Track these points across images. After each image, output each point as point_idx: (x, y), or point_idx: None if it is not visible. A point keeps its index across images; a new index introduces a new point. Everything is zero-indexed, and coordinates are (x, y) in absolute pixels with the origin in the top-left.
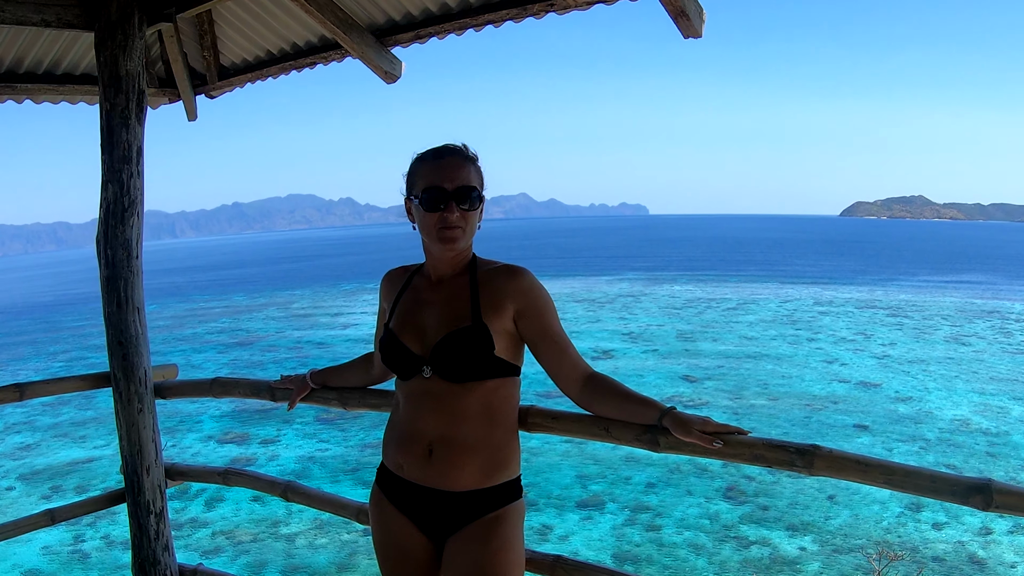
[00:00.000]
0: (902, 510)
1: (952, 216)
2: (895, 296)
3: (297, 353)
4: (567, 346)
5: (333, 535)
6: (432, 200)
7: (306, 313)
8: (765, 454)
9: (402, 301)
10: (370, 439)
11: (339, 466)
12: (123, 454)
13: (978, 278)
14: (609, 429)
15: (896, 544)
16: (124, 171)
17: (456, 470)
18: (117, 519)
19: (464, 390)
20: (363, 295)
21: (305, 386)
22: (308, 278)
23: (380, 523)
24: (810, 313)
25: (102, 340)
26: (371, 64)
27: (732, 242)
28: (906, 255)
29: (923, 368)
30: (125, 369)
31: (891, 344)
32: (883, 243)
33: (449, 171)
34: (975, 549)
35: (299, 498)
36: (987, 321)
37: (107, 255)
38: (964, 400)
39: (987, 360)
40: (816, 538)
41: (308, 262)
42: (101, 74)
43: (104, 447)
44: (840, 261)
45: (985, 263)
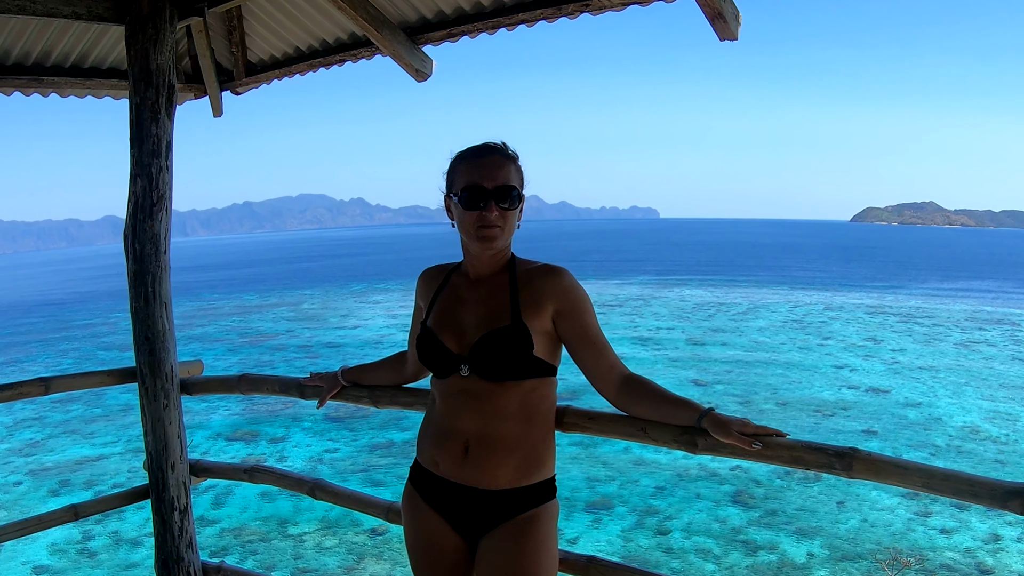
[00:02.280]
0: (911, 516)
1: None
2: (905, 302)
3: (307, 353)
4: (605, 347)
5: (341, 535)
6: (471, 199)
7: (316, 313)
8: (804, 456)
9: (440, 299)
10: (379, 439)
11: (348, 467)
12: (148, 450)
13: (988, 285)
14: (646, 430)
15: (905, 551)
16: (153, 165)
17: (492, 469)
18: (124, 516)
19: (502, 389)
20: (373, 296)
21: (336, 384)
22: (318, 278)
23: (413, 521)
24: (820, 318)
25: (112, 338)
26: (402, 62)
27: (743, 246)
28: (917, 261)
29: (932, 374)
30: (152, 364)
31: (901, 350)
32: (894, 249)
33: (489, 170)
34: (983, 557)
35: (327, 496)
36: (997, 328)
37: (135, 249)
38: (973, 407)
39: (997, 367)
40: (824, 543)
41: (318, 262)
42: (131, 68)
43: (113, 444)
44: (851, 266)
45: (996, 270)
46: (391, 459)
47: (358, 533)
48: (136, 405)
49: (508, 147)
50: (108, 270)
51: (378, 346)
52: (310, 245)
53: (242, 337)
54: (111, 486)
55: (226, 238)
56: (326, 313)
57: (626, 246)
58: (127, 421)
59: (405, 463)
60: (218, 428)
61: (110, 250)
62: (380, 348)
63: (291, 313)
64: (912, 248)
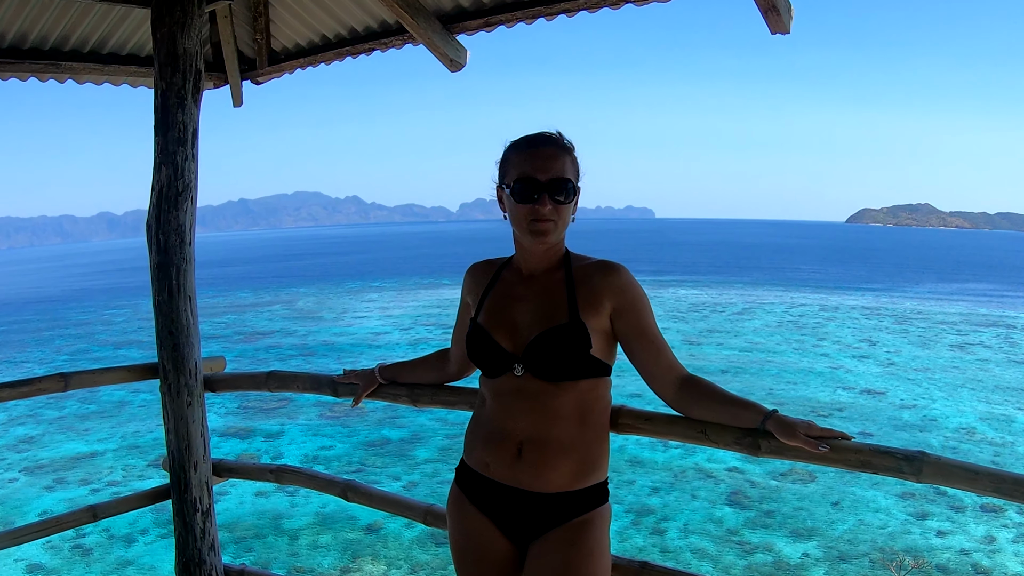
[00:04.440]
0: (906, 517)
1: (958, 224)
2: (901, 304)
3: (302, 351)
4: (663, 346)
5: (336, 532)
6: (524, 191)
7: (312, 311)
8: (872, 460)
9: (491, 296)
10: (374, 437)
11: (343, 465)
12: (169, 449)
13: (984, 287)
14: (706, 432)
15: (901, 552)
16: (179, 153)
17: (546, 471)
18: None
19: (558, 389)
20: (368, 294)
21: (372, 381)
22: (314, 276)
23: (459, 524)
24: (816, 319)
25: (108, 335)
26: (436, 51)
27: (738, 247)
28: (912, 263)
29: (928, 376)
30: (175, 360)
31: (896, 351)
32: (889, 251)
33: (543, 161)
34: (979, 558)
35: (360, 498)
36: (993, 330)
37: (159, 240)
38: (969, 409)
39: (992, 369)
40: (820, 544)
41: (313, 260)
42: (157, 52)
43: (107, 440)
44: (846, 268)
45: (991, 272)
46: (387, 457)
47: (353, 530)
48: (130, 402)
49: (563, 137)
50: (103, 266)
51: (374, 344)
52: (305, 243)
53: (238, 335)
54: (107, 484)
55: (221, 235)
56: (321, 311)
57: (622, 246)
58: (122, 418)
59: (400, 461)
60: (211, 424)
61: (105, 246)
62: (376, 346)
63: (286, 311)
64: (907, 250)
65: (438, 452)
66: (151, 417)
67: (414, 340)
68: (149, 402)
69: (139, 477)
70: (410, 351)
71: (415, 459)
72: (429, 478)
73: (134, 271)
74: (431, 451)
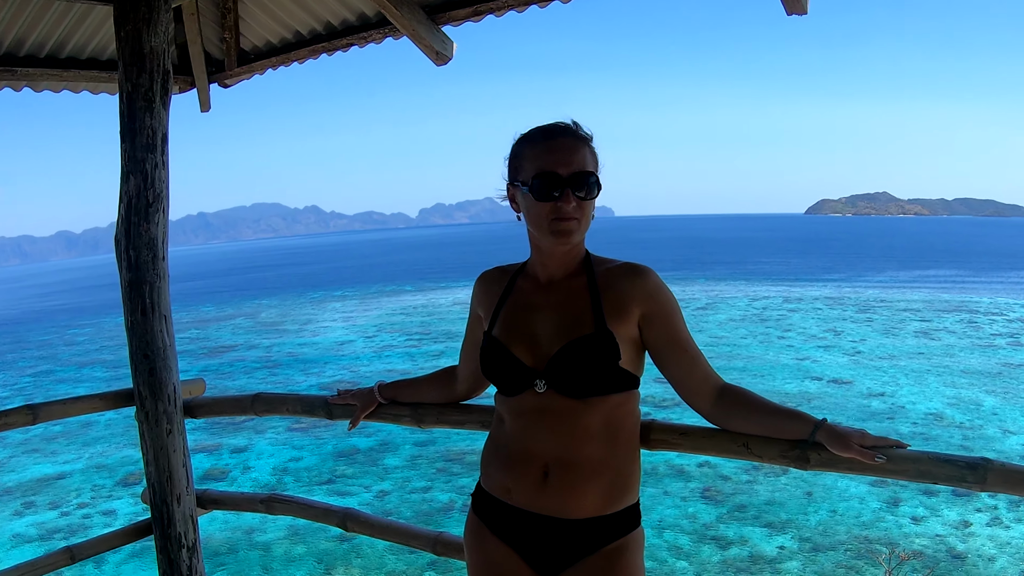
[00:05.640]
0: (880, 505)
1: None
2: (863, 292)
3: (267, 363)
4: (697, 355)
5: (310, 543)
6: (544, 188)
7: (275, 322)
8: (932, 470)
9: (506, 306)
10: (344, 446)
11: (314, 477)
12: (149, 481)
13: (945, 273)
14: (749, 446)
15: (875, 540)
16: (148, 161)
17: (575, 495)
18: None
19: (585, 406)
20: (331, 303)
21: (372, 401)
22: (275, 287)
23: (479, 555)
24: (780, 311)
25: (71, 356)
26: (421, 43)
27: (699, 242)
28: (873, 252)
29: (894, 363)
30: (152, 385)
31: (861, 340)
32: (849, 240)
33: (563, 154)
34: (954, 542)
35: (361, 528)
36: (956, 315)
37: (129, 256)
38: (936, 394)
39: (957, 354)
40: (795, 536)
41: (275, 271)
42: (122, 52)
43: (75, 461)
44: (808, 259)
45: (951, 258)
46: (357, 467)
47: (326, 540)
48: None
49: (580, 126)
50: (63, 286)
51: (339, 354)
52: (266, 254)
53: (202, 350)
54: (76, 506)
55: (181, 250)
56: (285, 322)
57: None
58: (88, 438)
59: (372, 471)
60: None
61: (64, 265)
62: (341, 356)
63: (249, 323)
64: (867, 239)
65: (408, 460)
66: (117, 436)
67: (379, 348)
68: (115, 421)
69: (108, 498)
70: (375, 359)
71: (386, 467)
72: (400, 487)
73: (95, 289)
74: (401, 459)
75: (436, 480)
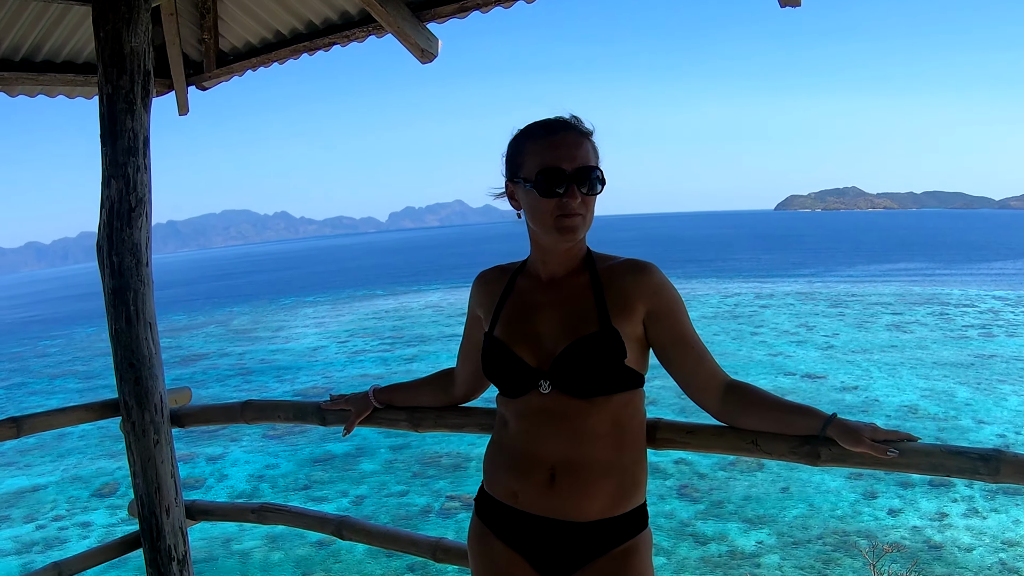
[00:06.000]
0: (857, 498)
1: (886, 206)
2: (835, 287)
3: (241, 371)
4: (704, 352)
5: (288, 550)
6: (549, 183)
7: (247, 329)
8: (945, 463)
9: (507, 306)
10: (319, 452)
11: (290, 483)
12: (137, 493)
13: (915, 266)
14: (758, 442)
15: (853, 533)
16: (130, 164)
17: (584, 498)
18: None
19: (592, 406)
20: (303, 309)
21: (366, 406)
22: (247, 294)
23: (485, 561)
24: (752, 307)
25: (43, 367)
26: (407, 41)
27: (669, 240)
28: (843, 246)
29: (867, 357)
30: (138, 395)
31: (834, 335)
32: (819, 235)
33: (566, 149)
34: (931, 534)
35: (357, 536)
36: (927, 308)
37: (112, 263)
38: (909, 386)
39: (930, 346)
40: (773, 531)
41: (246, 278)
42: (101, 53)
43: (50, 474)
44: (778, 255)
45: (921, 251)
46: (333, 472)
47: (304, 546)
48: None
49: (582, 121)
50: (34, 297)
51: (312, 359)
52: (236, 262)
53: (174, 358)
54: (52, 519)
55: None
56: (257, 329)
57: None
58: (62, 450)
59: (348, 476)
60: None
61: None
62: (314, 362)
63: (221, 331)
64: (837, 233)
65: (384, 465)
66: (91, 448)
67: (352, 353)
68: (88, 432)
69: (84, 510)
70: (349, 364)
71: (362, 473)
72: (377, 492)
73: (65, 300)
74: (377, 464)
75: (413, 484)
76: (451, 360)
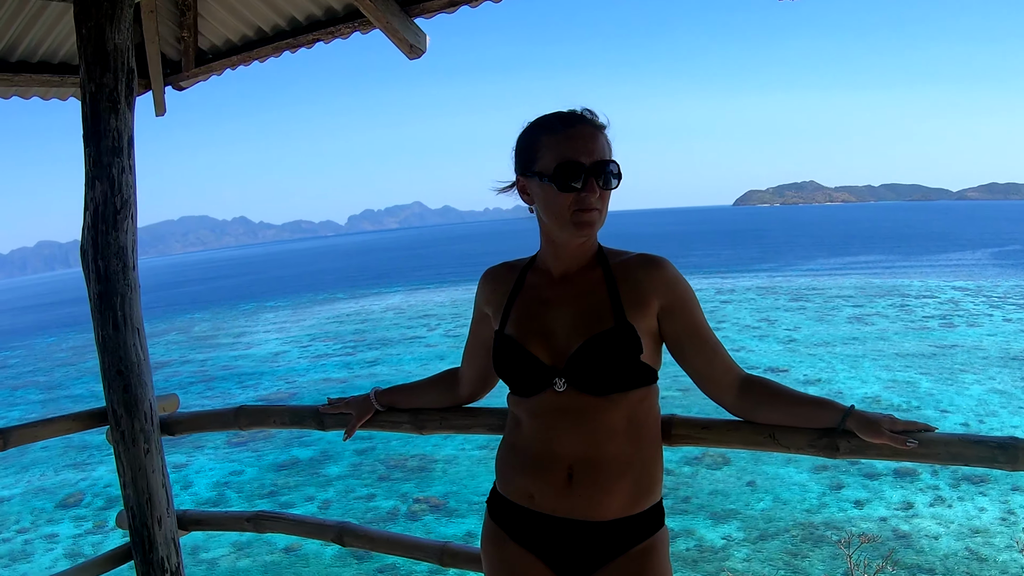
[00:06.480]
0: (823, 490)
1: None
2: (795, 281)
3: (203, 378)
4: (718, 346)
5: (255, 557)
6: (568, 178)
7: (208, 336)
8: (963, 451)
9: (518, 303)
10: (284, 458)
11: (255, 490)
12: (127, 504)
13: (874, 258)
14: (775, 436)
15: (820, 525)
16: (114, 165)
17: (603, 496)
18: None
19: (608, 403)
20: (264, 314)
21: (367, 409)
22: (207, 301)
23: (500, 564)
24: (712, 303)
25: (3, 378)
26: (395, 36)
27: (628, 237)
28: (802, 240)
29: (829, 350)
30: (127, 403)
31: (796, 328)
32: (779, 230)
33: (584, 142)
34: (898, 523)
35: (359, 542)
36: (887, 299)
37: (98, 267)
38: (872, 378)
39: (891, 337)
40: (741, 525)
41: (206, 284)
42: (84, 50)
43: (13, 487)
44: (738, 250)
45: (880, 243)
46: (299, 477)
47: (271, 552)
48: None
49: (597, 114)
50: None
51: (275, 364)
52: (196, 268)
53: None
54: (16, 532)
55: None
56: (218, 335)
57: (512, 247)
58: (25, 462)
59: (314, 481)
60: (101, 459)
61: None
62: (277, 366)
63: (182, 338)
64: (796, 227)
65: (350, 468)
66: (54, 459)
67: (315, 357)
68: (51, 443)
69: (48, 522)
70: (311, 368)
71: (327, 477)
72: (343, 496)
73: (24, 311)
74: (343, 468)
75: (379, 487)
76: (414, 363)
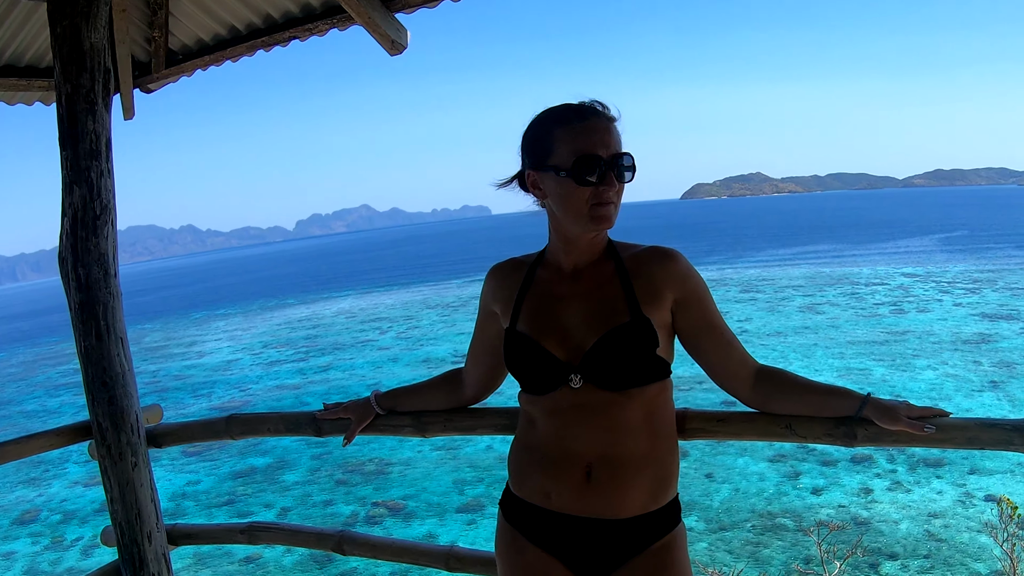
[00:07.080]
0: (781, 479)
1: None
2: (745, 272)
3: (156, 388)
4: (733, 339)
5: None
6: (586, 171)
7: (159, 346)
8: (980, 435)
9: (528, 299)
10: (240, 467)
11: (212, 499)
12: (115, 520)
13: (823, 248)
14: (792, 426)
15: (780, 513)
16: (93, 169)
17: (622, 494)
18: None
19: (625, 399)
20: (214, 322)
21: (368, 413)
22: (156, 311)
23: (517, 566)
24: None
25: None
26: (376, 32)
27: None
28: (751, 232)
29: (782, 339)
30: (113, 415)
31: (747, 319)
32: (727, 222)
33: (600, 135)
34: (857, 510)
35: (361, 550)
36: (837, 288)
37: (78, 275)
38: (825, 366)
39: (842, 325)
40: (700, 517)
41: (154, 294)
42: (59, 50)
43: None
44: (687, 243)
45: (828, 233)
46: (256, 485)
47: (231, 562)
48: None
49: (608, 106)
50: None
51: (227, 372)
52: (144, 278)
53: None
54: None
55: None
56: (169, 345)
57: (460, 246)
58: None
59: (271, 488)
60: (75, 475)
61: None
62: (230, 374)
63: (133, 349)
64: (744, 219)
65: (307, 475)
66: (8, 475)
67: (268, 364)
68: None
69: (4, 539)
70: (265, 376)
71: (285, 483)
72: (302, 502)
73: None
74: (300, 474)
75: (337, 492)
76: (368, 367)
